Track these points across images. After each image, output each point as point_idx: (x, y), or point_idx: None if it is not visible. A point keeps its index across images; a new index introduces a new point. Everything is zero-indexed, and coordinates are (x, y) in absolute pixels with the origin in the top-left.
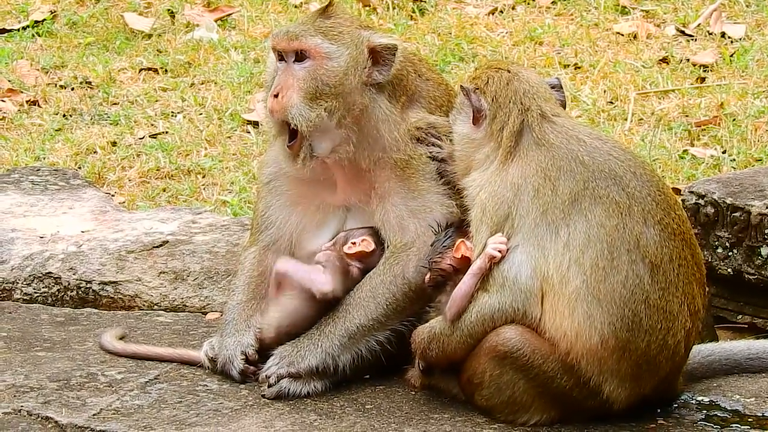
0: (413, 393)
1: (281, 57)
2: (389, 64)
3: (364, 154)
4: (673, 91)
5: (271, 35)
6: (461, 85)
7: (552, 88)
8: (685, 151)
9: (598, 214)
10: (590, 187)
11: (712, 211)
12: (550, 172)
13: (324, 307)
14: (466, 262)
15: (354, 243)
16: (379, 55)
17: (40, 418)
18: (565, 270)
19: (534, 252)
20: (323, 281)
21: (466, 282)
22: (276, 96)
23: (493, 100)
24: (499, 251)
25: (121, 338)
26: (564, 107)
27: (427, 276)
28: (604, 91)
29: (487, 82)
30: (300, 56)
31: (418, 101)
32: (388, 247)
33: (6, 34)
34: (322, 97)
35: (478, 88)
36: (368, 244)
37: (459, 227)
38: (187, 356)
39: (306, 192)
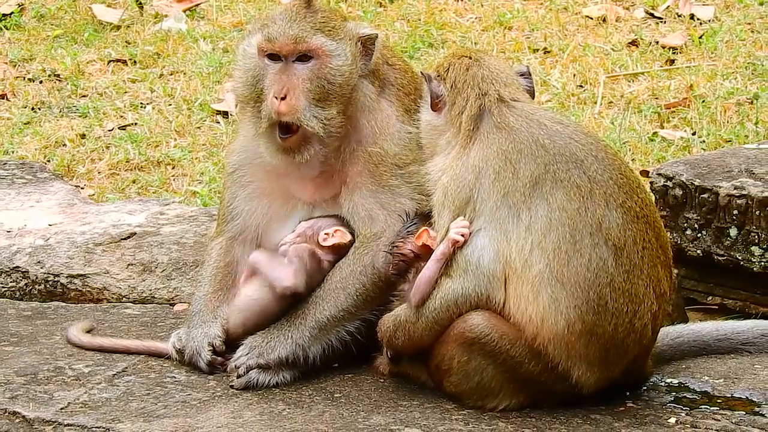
0: (382, 381)
1: (275, 57)
2: (371, 54)
3: (342, 146)
4: (643, 73)
5: (266, 37)
6: (422, 72)
7: (521, 75)
8: (654, 133)
9: (559, 198)
10: (551, 170)
11: (681, 192)
12: (510, 155)
13: (290, 304)
14: (428, 250)
15: (328, 234)
16: (364, 46)
17: (7, 413)
18: (527, 254)
19: (496, 235)
20: (283, 277)
21: (430, 267)
22: (284, 98)
23: (452, 86)
24: (462, 235)
25: (89, 331)
26: (532, 95)
27: (390, 262)
28: (574, 75)
29: (448, 69)
30: (303, 56)
31: (388, 88)
32: (357, 237)
33: None
34: (330, 97)
35: (438, 75)
36: (343, 235)
37: (425, 216)
38: (154, 348)
39: (273, 184)
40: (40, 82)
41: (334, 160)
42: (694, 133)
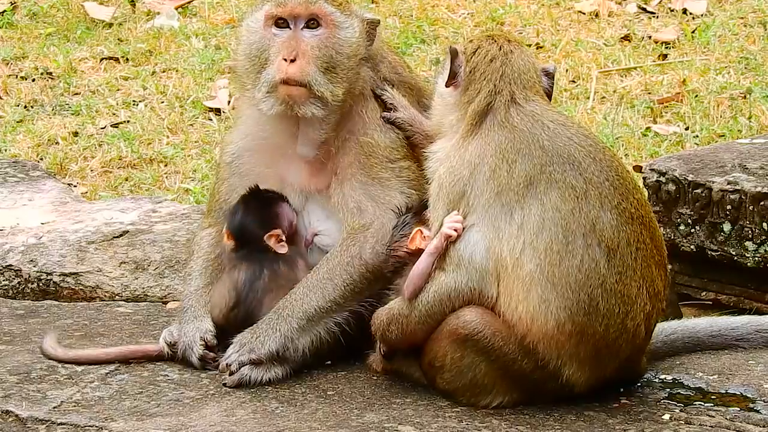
0: (375, 378)
1: (283, 23)
2: (372, 39)
3: (335, 133)
4: (636, 68)
5: (276, 3)
6: (451, 46)
7: (546, 74)
8: (647, 128)
9: (553, 198)
10: (547, 171)
11: (674, 188)
12: (508, 154)
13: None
14: (423, 250)
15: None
16: (368, 29)
17: (0, 412)
18: (519, 253)
19: (488, 233)
20: None
21: (423, 261)
22: (293, 60)
23: (471, 71)
24: (455, 230)
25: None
26: (549, 96)
27: (385, 261)
28: (567, 70)
29: (475, 51)
30: (312, 23)
31: (381, 82)
32: (345, 228)
33: None
34: (336, 69)
35: (464, 53)
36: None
37: (418, 213)
38: (141, 351)
39: (269, 171)
40: (33, 80)
41: (329, 145)
42: (687, 128)
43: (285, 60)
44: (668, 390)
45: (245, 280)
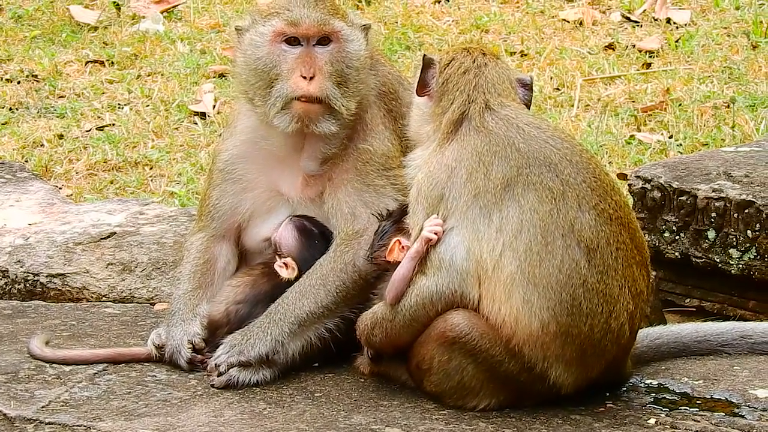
0: (362, 380)
1: (294, 40)
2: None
3: (342, 147)
4: (620, 77)
5: (288, 22)
6: (426, 55)
7: (523, 85)
8: (631, 136)
9: (530, 200)
10: (524, 173)
11: (659, 195)
12: (484, 156)
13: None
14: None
15: (281, 266)
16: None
17: None
18: (498, 255)
19: (467, 235)
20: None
21: (404, 265)
22: (312, 78)
23: (443, 82)
24: (435, 233)
25: (47, 342)
26: (528, 106)
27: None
28: (551, 78)
29: (449, 63)
30: (323, 40)
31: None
32: (338, 234)
33: None
34: (348, 83)
35: (439, 63)
36: (292, 272)
37: (397, 221)
38: (129, 354)
39: (262, 178)
40: (18, 82)
41: (333, 159)
42: (671, 137)
43: (303, 77)
44: (654, 395)
45: (266, 291)
